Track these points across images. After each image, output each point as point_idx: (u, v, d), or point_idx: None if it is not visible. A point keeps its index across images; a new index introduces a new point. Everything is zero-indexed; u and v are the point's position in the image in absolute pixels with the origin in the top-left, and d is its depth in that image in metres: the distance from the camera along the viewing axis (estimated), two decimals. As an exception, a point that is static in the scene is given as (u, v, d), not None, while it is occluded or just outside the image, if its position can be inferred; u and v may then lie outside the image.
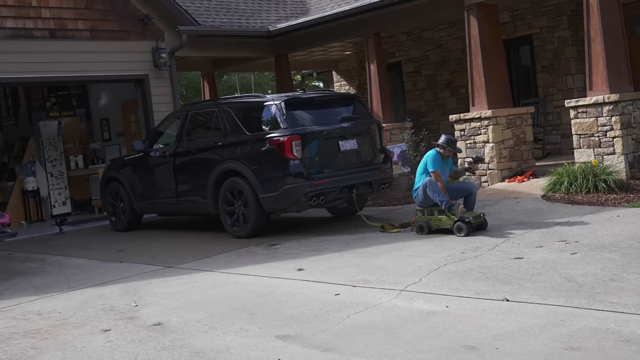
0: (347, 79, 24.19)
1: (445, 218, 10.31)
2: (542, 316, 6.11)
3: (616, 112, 12.33)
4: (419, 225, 10.57)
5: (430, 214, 10.48)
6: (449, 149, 10.71)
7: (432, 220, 10.47)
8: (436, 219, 10.43)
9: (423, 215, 10.59)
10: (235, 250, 10.99)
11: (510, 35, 18.18)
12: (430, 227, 10.47)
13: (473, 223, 10.11)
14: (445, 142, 10.70)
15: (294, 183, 11.32)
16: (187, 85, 40.29)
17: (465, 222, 10.04)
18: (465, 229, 10.02)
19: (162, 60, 17.16)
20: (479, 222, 10.23)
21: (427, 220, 10.51)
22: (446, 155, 10.76)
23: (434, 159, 10.63)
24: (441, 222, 10.37)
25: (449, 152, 10.77)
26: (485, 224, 10.31)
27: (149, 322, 7.32)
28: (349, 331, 6.28)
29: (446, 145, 10.69)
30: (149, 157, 13.92)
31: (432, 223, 10.46)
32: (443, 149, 10.70)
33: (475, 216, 10.19)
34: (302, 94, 12.48)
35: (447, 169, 10.87)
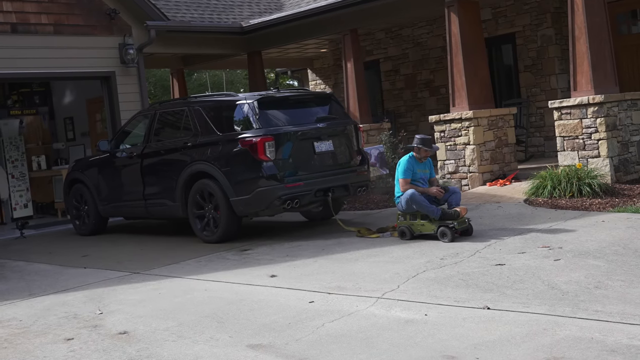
0: (323, 78, 24.21)
1: (427, 223, 10.26)
2: (524, 325, 6.13)
3: (601, 113, 12.41)
4: (400, 231, 10.54)
5: (413, 218, 10.43)
6: (425, 149, 10.64)
7: (414, 226, 10.41)
8: (419, 224, 10.37)
9: (405, 220, 10.53)
10: (205, 255, 10.95)
11: (492, 33, 18.28)
12: (412, 232, 10.42)
13: (457, 228, 10.06)
14: (419, 142, 10.65)
15: (267, 186, 11.30)
16: (155, 83, 40.16)
17: (450, 228, 9.99)
18: (449, 234, 9.97)
19: (130, 56, 17.08)
20: (464, 227, 10.19)
21: (409, 225, 10.45)
22: (423, 157, 10.69)
23: (404, 165, 10.60)
24: (424, 228, 10.32)
25: (426, 153, 10.68)
26: (470, 230, 10.27)
27: (114, 331, 7.27)
28: (324, 340, 6.27)
29: (421, 146, 10.63)
30: (115, 158, 13.84)
31: (414, 228, 10.41)
32: (418, 150, 10.67)
33: (460, 221, 10.13)
34: (276, 93, 12.47)
35: (425, 172, 10.82)
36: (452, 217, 10.13)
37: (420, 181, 10.68)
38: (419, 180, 10.66)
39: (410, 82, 20.90)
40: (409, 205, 10.33)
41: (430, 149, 10.73)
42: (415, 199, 10.25)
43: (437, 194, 10.48)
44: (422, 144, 10.63)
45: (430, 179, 10.89)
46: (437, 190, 10.51)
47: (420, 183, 10.65)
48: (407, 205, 10.36)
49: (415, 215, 10.38)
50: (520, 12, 17.81)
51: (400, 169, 10.63)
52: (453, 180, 14.50)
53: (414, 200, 10.25)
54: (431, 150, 10.75)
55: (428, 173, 10.87)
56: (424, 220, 10.30)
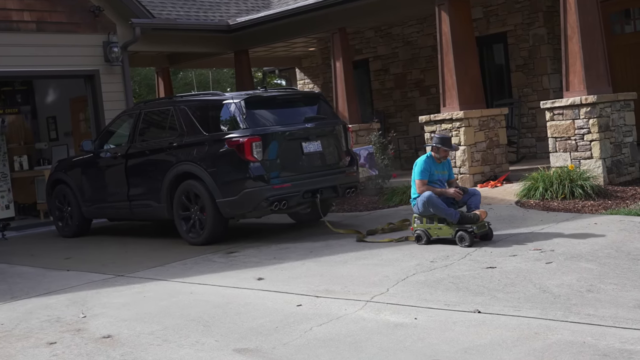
0: (311, 77, 24.21)
1: (445, 227, 9.97)
2: (516, 329, 6.14)
3: (594, 114, 12.45)
4: (416, 235, 10.22)
5: (430, 222, 10.12)
6: (444, 148, 10.34)
7: (431, 229, 10.10)
8: (436, 227, 10.07)
9: (421, 223, 10.21)
10: (191, 258, 10.94)
11: (484, 32, 18.32)
12: (429, 236, 10.10)
13: (477, 233, 9.79)
14: (438, 142, 10.35)
15: (254, 187, 11.30)
16: (140, 82, 40.10)
17: (468, 232, 9.70)
18: (468, 239, 9.68)
19: (114, 54, 17.05)
20: (484, 231, 9.91)
21: (425, 229, 10.14)
22: (442, 157, 10.41)
23: (422, 166, 10.27)
24: (441, 232, 10.02)
25: (445, 153, 10.40)
26: (490, 234, 9.98)
27: (97, 335, 7.26)
28: (312, 344, 6.27)
29: (440, 145, 10.33)
30: (99, 158, 13.81)
31: (431, 232, 10.10)
32: (437, 150, 10.38)
33: (479, 225, 9.83)
34: (264, 92, 12.46)
35: (444, 174, 10.52)
36: (471, 221, 9.84)
37: (438, 182, 10.38)
38: (436, 181, 10.37)
39: (400, 81, 20.93)
40: (425, 208, 10.05)
41: (450, 149, 10.46)
42: (432, 201, 9.98)
43: (456, 196, 10.17)
44: (441, 144, 10.35)
45: (449, 180, 10.60)
46: (455, 191, 10.20)
47: (438, 184, 10.35)
48: (423, 208, 10.08)
49: (432, 219, 10.10)
50: (511, 10, 17.85)
51: (417, 170, 10.31)
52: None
53: (430, 202, 9.97)
54: (451, 149, 10.51)
55: (446, 174, 10.57)
56: (442, 224, 10.02)
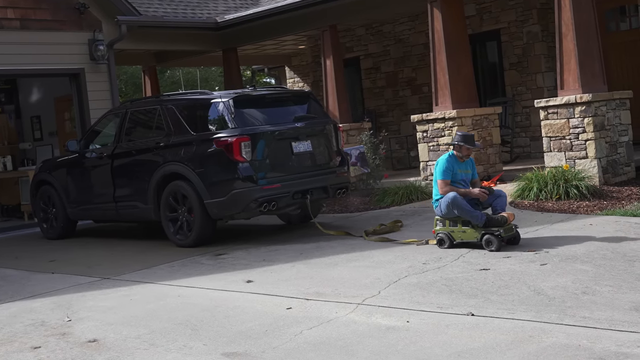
0: (301, 75, 24.21)
1: (470, 230, 9.66)
2: (510, 332, 6.15)
3: (589, 113, 12.47)
4: (439, 238, 9.88)
5: (453, 224, 9.79)
6: (467, 146, 10.01)
7: (454, 233, 9.78)
8: (459, 230, 9.74)
9: (444, 226, 9.89)
10: (179, 260, 10.92)
11: (477, 30, 18.34)
12: (452, 240, 9.77)
13: (504, 236, 9.43)
14: (461, 139, 10.03)
15: (242, 187, 11.29)
16: (126, 81, 39.99)
17: (496, 235, 9.36)
18: (495, 243, 9.35)
19: (100, 52, 17.01)
20: (511, 235, 9.57)
21: (448, 232, 9.80)
22: (465, 156, 10.07)
23: (444, 165, 9.92)
24: (465, 235, 9.70)
25: (468, 151, 10.07)
26: (517, 238, 9.64)
27: (83, 339, 7.24)
28: (302, 348, 6.27)
29: (463, 143, 9.99)
30: (85, 158, 13.78)
31: (454, 235, 9.78)
32: (460, 148, 10.05)
33: (506, 228, 9.47)
34: (252, 91, 12.47)
35: (467, 173, 10.20)
36: (498, 224, 9.50)
37: (462, 182, 10.05)
38: (459, 181, 10.03)
39: (392, 80, 20.93)
40: (449, 210, 9.72)
41: (473, 147, 10.13)
42: (457, 202, 9.63)
43: (481, 197, 9.86)
44: (464, 141, 10.01)
45: (472, 180, 10.28)
46: (480, 192, 9.88)
47: (461, 185, 10.01)
48: (447, 210, 9.74)
49: (456, 221, 9.77)
50: (505, 8, 17.89)
51: (439, 169, 9.96)
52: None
53: (455, 203, 9.62)
54: (474, 147, 10.18)
55: (470, 173, 10.25)
56: (466, 227, 9.70)
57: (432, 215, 12.15)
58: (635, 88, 14.94)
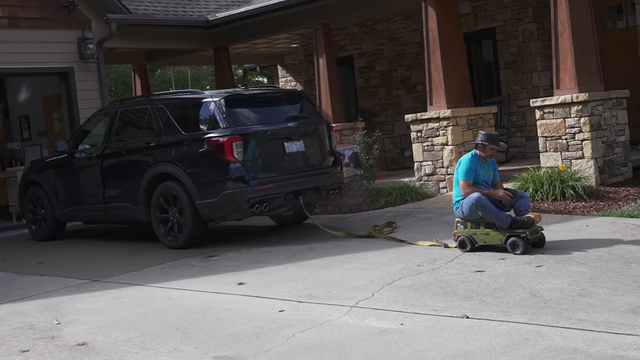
0: (294, 74, 24.20)
1: (493, 232, 9.41)
2: (505, 335, 6.16)
3: (585, 112, 12.49)
4: (460, 241, 9.64)
5: (475, 227, 9.55)
6: (491, 146, 9.78)
7: (477, 235, 9.53)
8: (482, 233, 9.50)
9: (465, 228, 9.64)
10: (169, 262, 10.91)
11: (472, 28, 18.35)
12: (474, 242, 9.54)
13: (530, 239, 9.20)
14: (484, 139, 9.79)
15: (234, 188, 11.28)
16: (116, 80, 39.94)
17: (522, 238, 9.13)
18: (521, 245, 9.12)
19: (89, 51, 17.00)
20: (537, 237, 9.36)
21: (470, 234, 9.56)
22: (488, 156, 9.84)
23: (466, 165, 9.69)
24: (489, 237, 9.45)
25: (492, 151, 9.84)
26: (543, 240, 9.45)
27: (72, 342, 7.23)
28: (294, 351, 6.27)
29: (487, 143, 9.76)
30: (74, 158, 13.75)
31: (476, 238, 9.53)
32: (483, 148, 9.80)
33: (532, 230, 9.23)
34: (244, 90, 12.46)
35: (489, 174, 9.97)
36: (524, 225, 9.24)
37: (483, 183, 9.82)
38: (481, 182, 9.81)
39: (386, 79, 20.94)
40: (472, 211, 9.46)
41: (497, 147, 9.94)
42: (481, 203, 9.37)
43: (505, 198, 9.65)
44: (488, 141, 9.78)
45: (494, 182, 10.06)
46: (504, 193, 9.69)
47: (483, 186, 9.79)
48: (470, 211, 9.49)
49: (479, 223, 9.52)
50: (500, 6, 17.90)
51: (461, 170, 9.72)
52: (430, 183, 14.54)
53: (480, 205, 9.37)
54: (498, 147, 9.99)
55: (492, 174, 10.02)
56: (489, 229, 9.45)
57: (426, 216, 12.22)
58: (632, 87, 14.98)
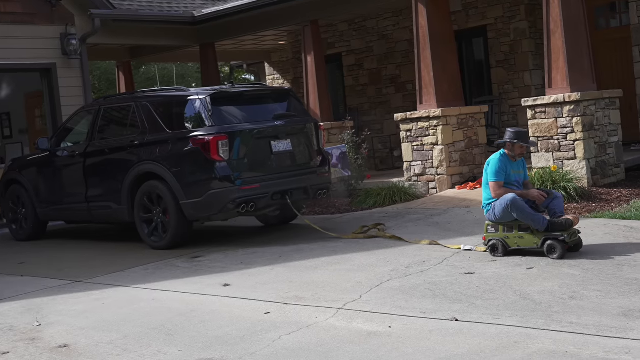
0: (281, 72, 24.21)
1: (528, 235, 9.09)
2: (495, 338, 6.18)
3: (578, 112, 12.53)
4: (491, 244, 9.31)
5: (508, 230, 9.22)
6: (520, 144, 9.47)
7: (509, 239, 9.21)
8: (515, 236, 9.17)
9: (497, 231, 9.32)
10: (153, 262, 10.90)
11: (463, 26, 18.39)
12: (506, 246, 9.22)
13: (568, 242, 8.89)
14: (514, 137, 9.45)
15: (220, 188, 11.27)
16: (100, 77, 39.83)
17: (560, 241, 8.81)
18: (559, 249, 8.81)
19: (72, 47, 16.96)
20: (575, 240, 9.04)
21: (502, 238, 9.23)
22: (517, 155, 9.53)
23: (496, 165, 9.36)
24: (522, 241, 9.14)
25: (521, 150, 9.53)
26: (580, 244, 9.15)
27: (53, 344, 7.21)
28: (281, 354, 6.27)
29: (516, 141, 9.43)
30: (56, 157, 13.72)
31: (509, 242, 9.21)
32: (512, 146, 9.48)
33: (570, 233, 8.93)
34: (231, 88, 12.45)
35: (519, 174, 9.67)
36: (562, 228, 8.94)
37: (515, 184, 9.51)
38: (513, 183, 9.50)
39: (375, 77, 20.95)
40: (506, 214, 9.12)
41: (527, 144, 9.64)
42: (517, 205, 9.01)
43: (539, 198, 9.31)
44: (517, 138, 9.44)
45: (525, 182, 9.77)
46: (539, 193, 9.37)
47: (515, 186, 9.48)
48: (503, 213, 9.14)
49: (512, 226, 9.20)
50: (492, 3, 17.94)
51: (490, 170, 9.40)
52: (420, 183, 14.56)
53: (515, 206, 9.02)
54: (528, 145, 9.73)
55: (522, 174, 9.72)
56: (523, 232, 9.14)
57: (415, 217, 12.24)
58: (625, 87, 15.03)
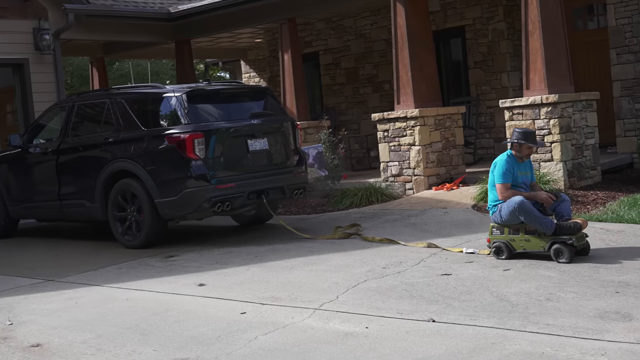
0: (257, 70, 24.20)
1: (535, 238, 8.99)
2: (472, 339, 6.23)
3: (555, 114, 12.62)
4: (496, 247, 9.19)
5: (514, 232, 9.11)
6: (528, 145, 9.35)
7: (515, 241, 9.10)
8: (522, 239, 9.07)
9: (502, 234, 9.21)
10: (127, 262, 10.89)
11: (441, 26, 18.45)
12: (512, 249, 9.10)
13: (576, 246, 8.78)
14: (521, 137, 9.33)
15: (195, 186, 11.28)
16: (72, 73, 39.70)
17: (568, 245, 8.71)
18: (567, 253, 8.70)
19: (45, 42, 16.90)
20: (583, 244, 8.95)
21: (508, 240, 9.13)
22: (525, 156, 9.42)
23: (503, 167, 9.24)
24: (529, 244, 9.03)
25: (529, 150, 9.44)
26: (588, 248, 9.02)
27: (26, 343, 7.20)
28: (257, 354, 6.30)
29: (523, 141, 9.31)
30: (28, 153, 13.67)
31: (515, 245, 9.10)
32: (519, 147, 9.38)
33: (579, 237, 8.83)
34: (207, 85, 12.44)
35: (526, 175, 9.56)
36: (570, 231, 8.83)
37: (522, 186, 9.41)
38: (520, 184, 9.39)
39: (352, 76, 21.00)
40: (513, 216, 9.01)
41: (535, 145, 9.57)
42: (525, 208, 8.89)
43: (547, 201, 9.14)
44: (524, 139, 9.32)
45: (532, 183, 9.64)
46: (547, 196, 9.20)
47: (522, 188, 9.38)
48: (510, 216, 9.03)
49: (518, 229, 9.09)
50: (470, 4, 18.02)
51: (497, 172, 9.30)
52: (397, 184, 14.62)
53: (523, 209, 8.89)
54: (536, 146, 9.68)
55: (529, 175, 9.61)
56: (530, 235, 9.04)
57: (392, 218, 12.29)
58: (602, 89, 15.14)
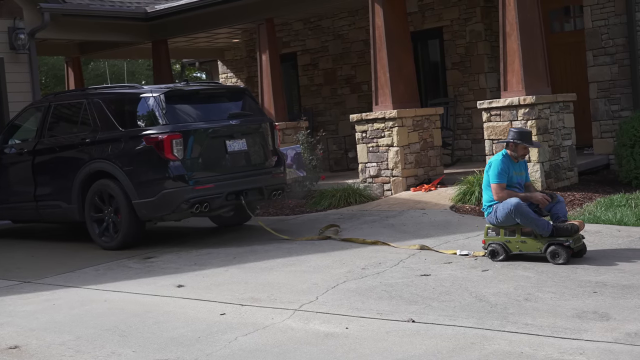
0: (235, 71, 24.20)
1: (531, 240, 8.97)
2: (451, 339, 6.29)
3: (532, 115, 12.71)
4: (491, 249, 9.16)
5: (510, 234, 9.09)
6: (524, 145, 9.33)
7: (511, 243, 9.07)
8: (518, 240, 9.05)
9: (498, 235, 9.19)
10: (104, 263, 10.89)
11: (418, 27, 18.51)
12: (508, 251, 9.08)
13: (573, 247, 8.76)
14: (517, 137, 9.32)
15: (173, 187, 11.29)
16: (47, 72, 39.52)
17: (564, 246, 8.70)
18: (563, 255, 8.70)
19: (20, 41, 16.84)
20: (579, 246, 8.93)
21: (504, 242, 9.10)
22: (520, 156, 9.40)
23: (499, 167, 9.22)
24: (525, 246, 9.01)
25: (524, 150, 9.42)
26: (584, 250, 9.02)
27: (3, 345, 7.20)
28: (237, 355, 6.33)
29: (519, 141, 9.31)
30: (3, 154, 13.63)
31: (511, 246, 9.07)
32: (515, 147, 9.37)
33: (575, 238, 8.81)
34: (185, 85, 12.44)
35: (521, 175, 9.55)
36: (567, 233, 8.82)
37: (517, 186, 9.38)
38: (515, 185, 9.36)
39: (330, 77, 21.03)
40: (508, 218, 8.99)
41: (531, 145, 9.50)
42: (521, 210, 8.87)
43: (543, 202, 9.15)
44: (520, 139, 9.31)
45: (526, 184, 9.64)
46: (543, 197, 9.19)
47: (517, 189, 9.35)
48: (506, 218, 9.01)
49: (514, 230, 9.06)
50: (448, 5, 18.09)
51: (492, 172, 9.26)
52: (375, 185, 14.67)
53: (519, 211, 8.88)
54: (532, 146, 9.61)
55: (524, 176, 9.60)
56: (526, 237, 9.02)
57: (370, 219, 12.33)
58: (579, 91, 15.26)
